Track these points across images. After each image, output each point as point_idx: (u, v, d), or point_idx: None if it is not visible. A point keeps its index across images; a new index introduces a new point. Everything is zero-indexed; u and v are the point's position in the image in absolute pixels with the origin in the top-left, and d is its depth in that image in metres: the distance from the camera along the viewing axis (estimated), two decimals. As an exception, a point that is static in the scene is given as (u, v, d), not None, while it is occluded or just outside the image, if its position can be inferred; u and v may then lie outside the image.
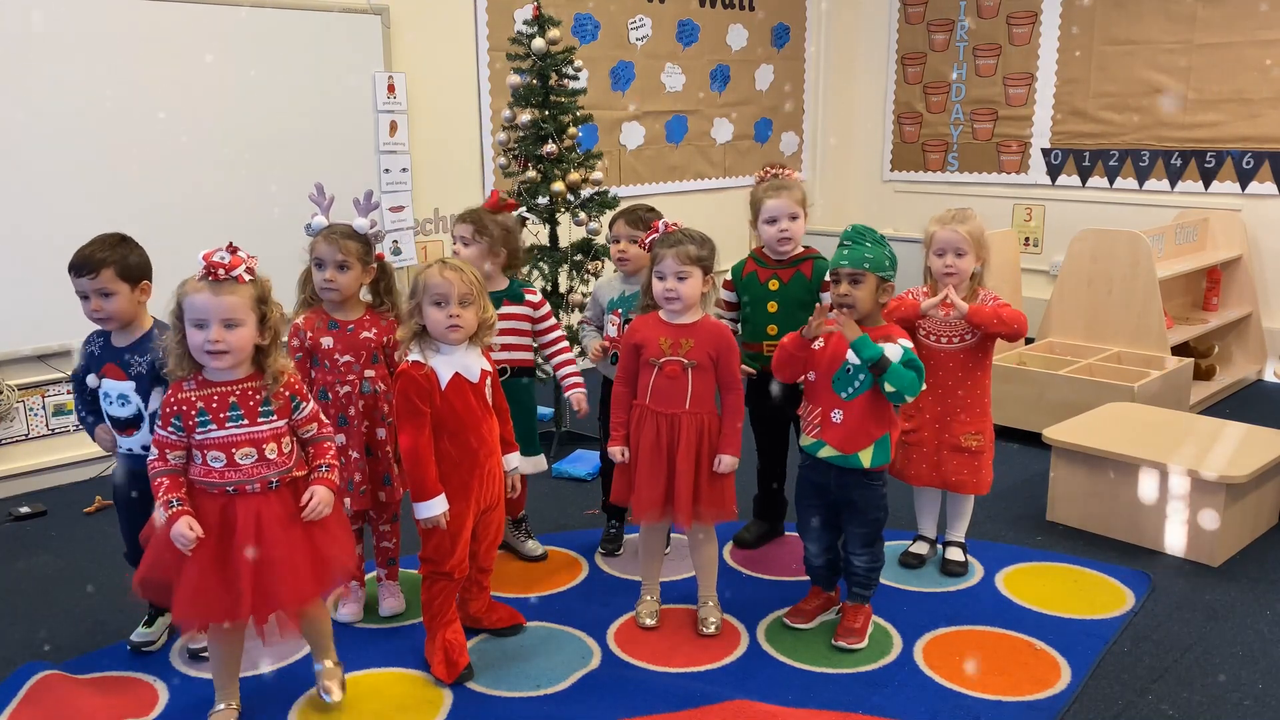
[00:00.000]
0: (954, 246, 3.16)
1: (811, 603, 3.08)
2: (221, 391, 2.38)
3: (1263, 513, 3.67)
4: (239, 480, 2.37)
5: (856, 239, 2.78)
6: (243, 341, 2.34)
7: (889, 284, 2.80)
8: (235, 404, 2.38)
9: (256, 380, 2.41)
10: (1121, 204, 6.13)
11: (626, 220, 3.37)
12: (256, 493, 2.39)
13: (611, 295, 3.41)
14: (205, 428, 2.36)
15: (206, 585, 2.35)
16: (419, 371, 2.64)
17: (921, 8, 6.90)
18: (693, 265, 2.83)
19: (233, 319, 2.32)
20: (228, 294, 2.31)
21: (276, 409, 2.42)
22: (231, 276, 2.32)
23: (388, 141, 4.97)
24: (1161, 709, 2.66)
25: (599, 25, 5.89)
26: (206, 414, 2.36)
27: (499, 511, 2.87)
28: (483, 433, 2.73)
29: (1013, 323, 3.10)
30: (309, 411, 2.50)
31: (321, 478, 2.49)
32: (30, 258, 4.03)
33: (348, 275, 2.93)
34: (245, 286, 2.34)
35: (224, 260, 2.32)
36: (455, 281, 2.61)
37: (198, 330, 2.32)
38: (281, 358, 2.45)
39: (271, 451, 2.41)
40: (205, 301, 2.30)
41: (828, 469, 2.86)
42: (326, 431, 2.55)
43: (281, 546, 2.39)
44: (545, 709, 2.67)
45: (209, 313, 2.30)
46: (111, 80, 4.16)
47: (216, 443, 2.36)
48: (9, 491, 4.18)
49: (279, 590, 2.39)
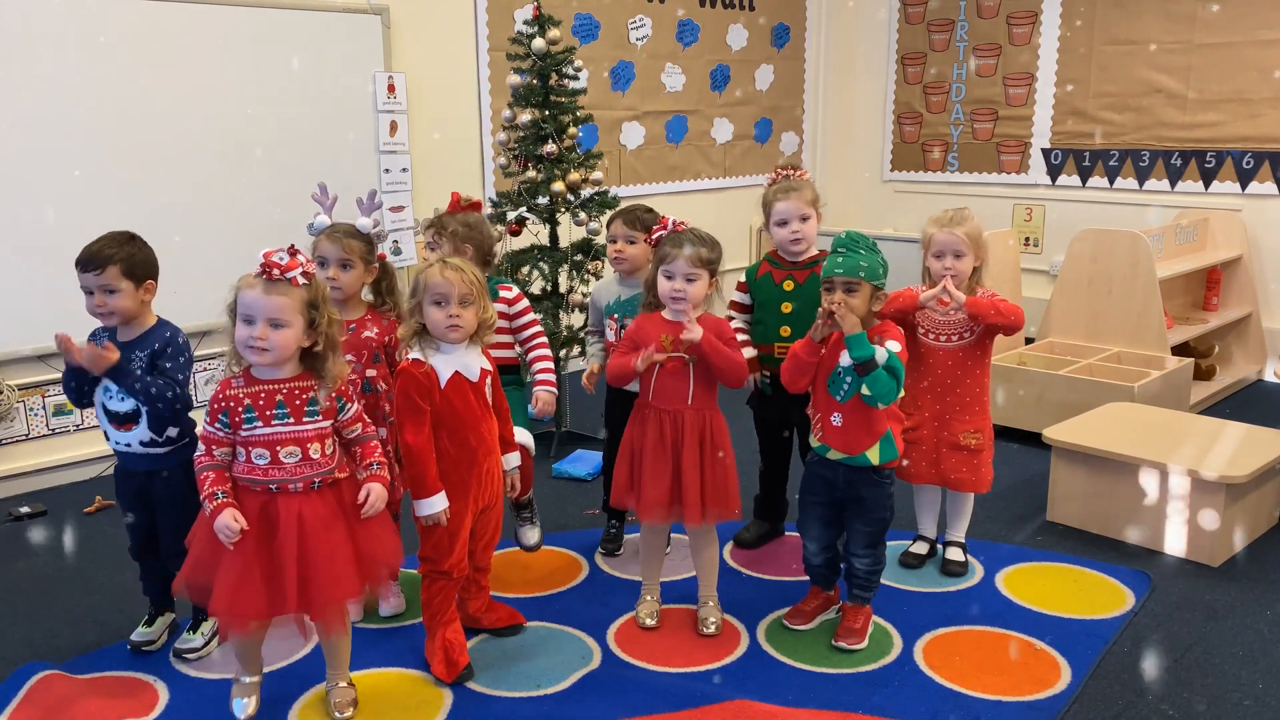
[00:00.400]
0: (953, 248, 3.16)
1: (811, 603, 3.09)
2: (269, 390, 2.41)
3: (1263, 513, 3.67)
4: (282, 479, 2.40)
5: (851, 246, 2.78)
6: (286, 342, 2.37)
7: (882, 292, 2.80)
8: (282, 402, 2.41)
9: (304, 380, 2.44)
10: (1121, 204, 6.13)
11: (624, 220, 3.38)
12: (299, 492, 2.42)
13: (609, 300, 3.41)
14: (251, 425, 2.39)
15: (248, 583, 2.37)
16: (419, 369, 2.64)
17: (921, 8, 6.90)
18: (702, 268, 2.85)
19: (279, 319, 2.36)
20: (278, 294, 2.35)
21: (323, 410, 2.45)
22: (285, 278, 2.36)
23: (388, 141, 4.98)
24: (1161, 709, 2.66)
25: (599, 25, 5.89)
26: (253, 410, 2.39)
27: (497, 511, 2.87)
28: (482, 431, 2.74)
29: (1010, 314, 3.10)
30: (354, 412, 2.53)
31: (374, 475, 2.53)
32: (30, 258, 4.03)
33: (350, 274, 2.94)
34: (298, 289, 2.38)
35: (281, 261, 2.36)
36: (456, 281, 2.62)
37: (245, 325, 2.36)
38: (340, 364, 2.48)
39: (315, 451, 2.43)
40: (255, 298, 2.35)
41: (836, 466, 2.87)
42: (371, 431, 2.58)
43: (324, 545, 2.42)
44: (545, 709, 2.67)
45: (257, 310, 2.35)
46: (111, 80, 4.16)
47: (261, 440, 2.39)
48: (9, 491, 4.19)
49: (322, 588, 2.41)
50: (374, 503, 2.49)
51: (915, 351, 3.21)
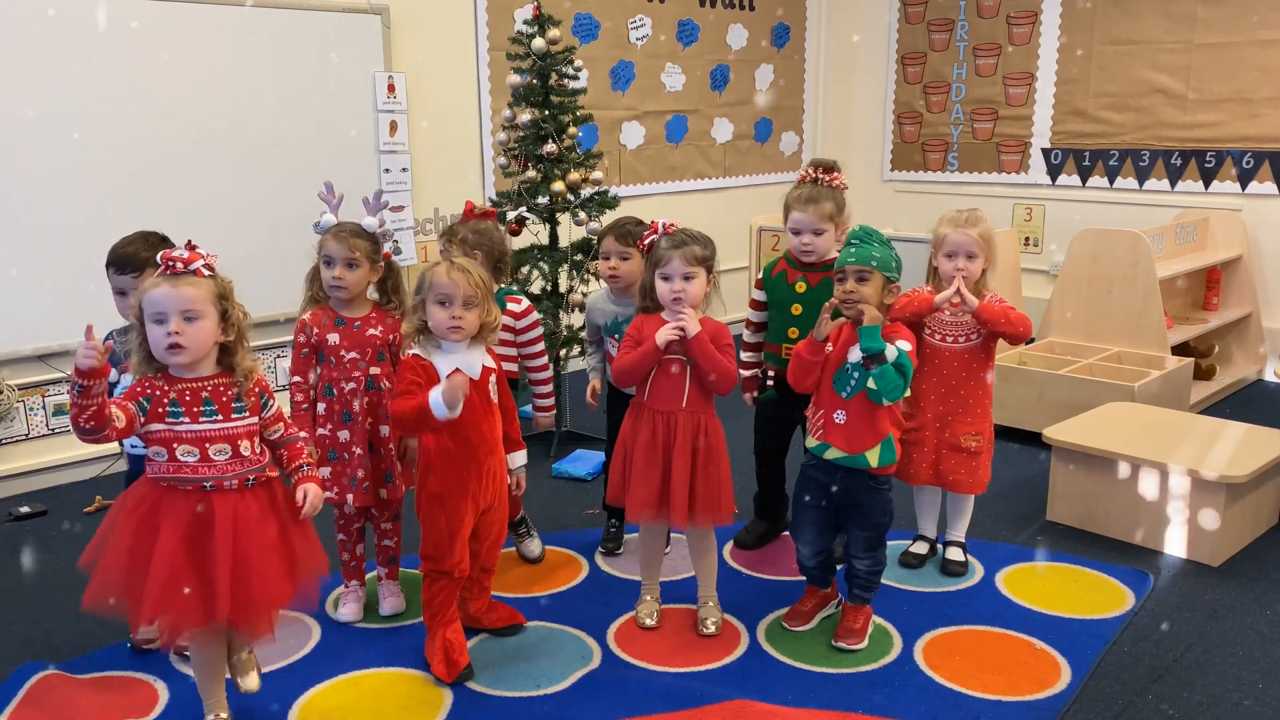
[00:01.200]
0: (965, 249, 3.16)
1: (808, 603, 3.08)
2: (193, 387, 2.31)
3: (1263, 512, 3.67)
4: (216, 476, 2.31)
5: (864, 239, 2.78)
6: (203, 335, 2.28)
7: (894, 285, 2.79)
8: (209, 398, 2.32)
9: (226, 377, 2.36)
10: (1121, 204, 6.13)
11: (615, 237, 3.33)
12: (234, 489, 2.33)
13: (605, 320, 3.38)
14: (177, 419, 2.29)
15: (178, 586, 2.26)
16: (417, 364, 2.66)
17: (921, 7, 6.91)
18: (698, 266, 2.84)
19: (192, 311, 2.25)
20: (186, 286, 2.26)
21: (249, 405, 2.37)
22: (189, 270, 2.28)
23: (388, 141, 4.98)
24: (1161, 709, 2.66)
25: (599, 25, 5.89)
26: (179, 405, 2.29)
27: (501, 511, 2.86)
28: (484, 430, 2.73)
29: (1019, 324, 3.11)
30: (276, 410, 2.44)
31: (306, 476, 2.45)
32: (31, 258, 4.03)
33: (356, 273, 2.94)
34: (205, 281, 2.29)
35: (183, 255, 2.29)
36: (461, 283, 2.61)
37: (157, 325, 2.25)
38: (249, 357, 2.40)
39: (245, 448, 2.35)
40: (164, 295, 2.25)
41: (833, 470, 2.85)
42: (294, 431, 2.50)
43: (258, 548, 2.33)
44: (545, 709, 2.67)
45: (167, 305, 2.24)
46: (111, 80, 4.16)
47: (189, 436, 2.29)
48: (9, 491, 4.19)
49: (258, 590, 2.32)
50: (314, 502, 2.40)
51: (921, 352, 3.21)
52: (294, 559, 2.41)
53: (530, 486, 4.06)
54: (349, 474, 2.99)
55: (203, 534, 2.30)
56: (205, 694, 2.54)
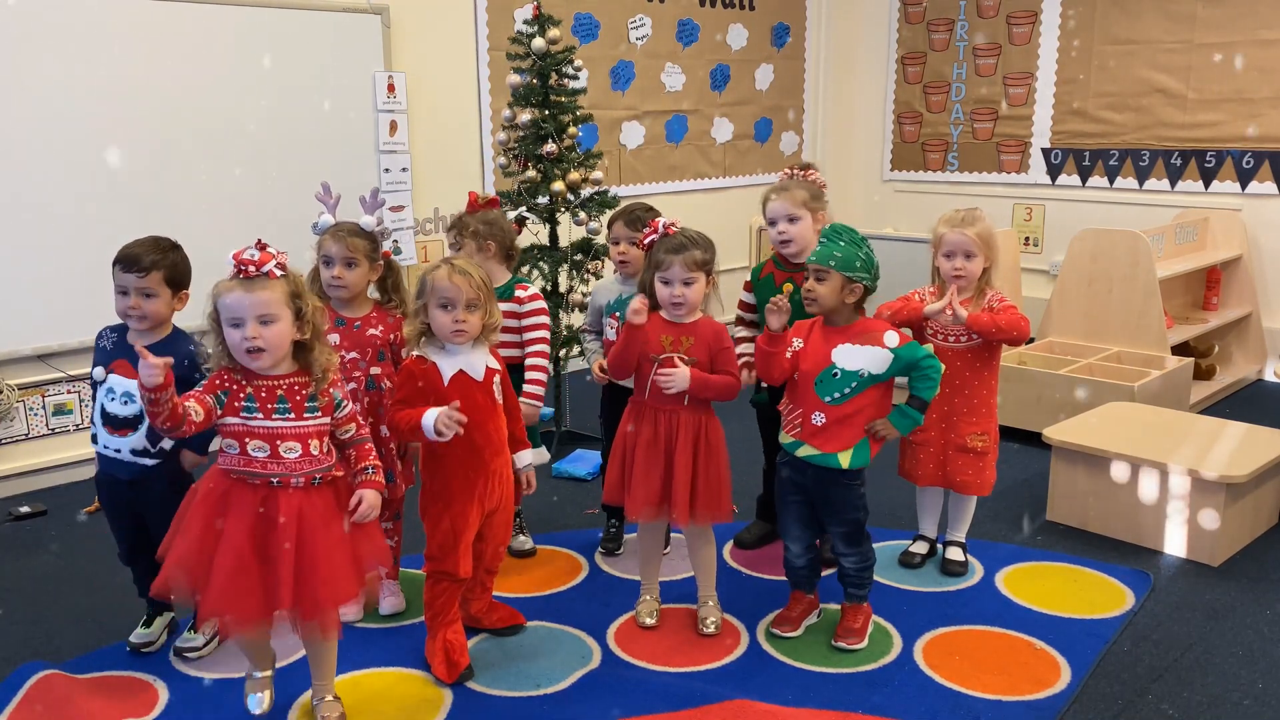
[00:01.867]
0: (963, 249, 3.16)
1: (795, 609, 3.07)
2: (270, 385, 2.36)
3: (1263, 512, 3.67)
4: (283, 473, 2.35)
5: (831, 237, 2.80)
6: (280, 338, 2.33)
7: (856, 285, 2.78)
8: (283, 397, 2.36)
9: (302, 376, 2.40)
10: (1121, 204, 6.13)
11: (625, 222, 3.36)
12: (300, 487, 2.37)
13: (609, 298, 3.40)
14: (251, 414, 2.34)
15: (243, 582, 2.31)
16: (419, 366, 2.67)
17: (921, 7, 6.90)
18: (698, 270, 2.84)
19: (268, 315, 2.30)
20: (260, 290, 2.29)
21: (322, 406, 2.41)
22: (262, 273, 2.31)
23: (388, 141, 4.97)
24: (1161, 708, 2.66)
25: (599, 25, 5.89)
26: (254, 401, 2.34)
27: (506, 513, 2.86)
28: (488, 430, 2.73)
29: (1011, 330, 3.11)
30: (349, 411, 2.48)
31: (369, 480, 2.48)
32: (31, 258, 4.03)
33: (355, 272, 2.94)
34: (278, 282, 2.32)
35: (254, 257, 2.31)
36: (463, 286, 2.62)
37: (234, 329, 2.31)
38: (326, 352, 2.44)
39: (315, 448, 2.39)
40: (239, 299, 2.29)
41: (805, 467, 2.85)
42: (365, 433, 2.53)
43: (323, 545, 2.37)
44: (545, 709, 2.67)
45: (244, 310, 2.29)
46: (111, 80, 4.16)
47: (262, 432, 2.34)
48: (9, 491, 4.18)
49: (321, 586, 2.36)
50: (365, 511, 2.43)
51: None
52: (358, 556, 2.45)
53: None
54: None
55: (268, 529, 2.34)
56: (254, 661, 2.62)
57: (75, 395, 4.28)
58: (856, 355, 2.78)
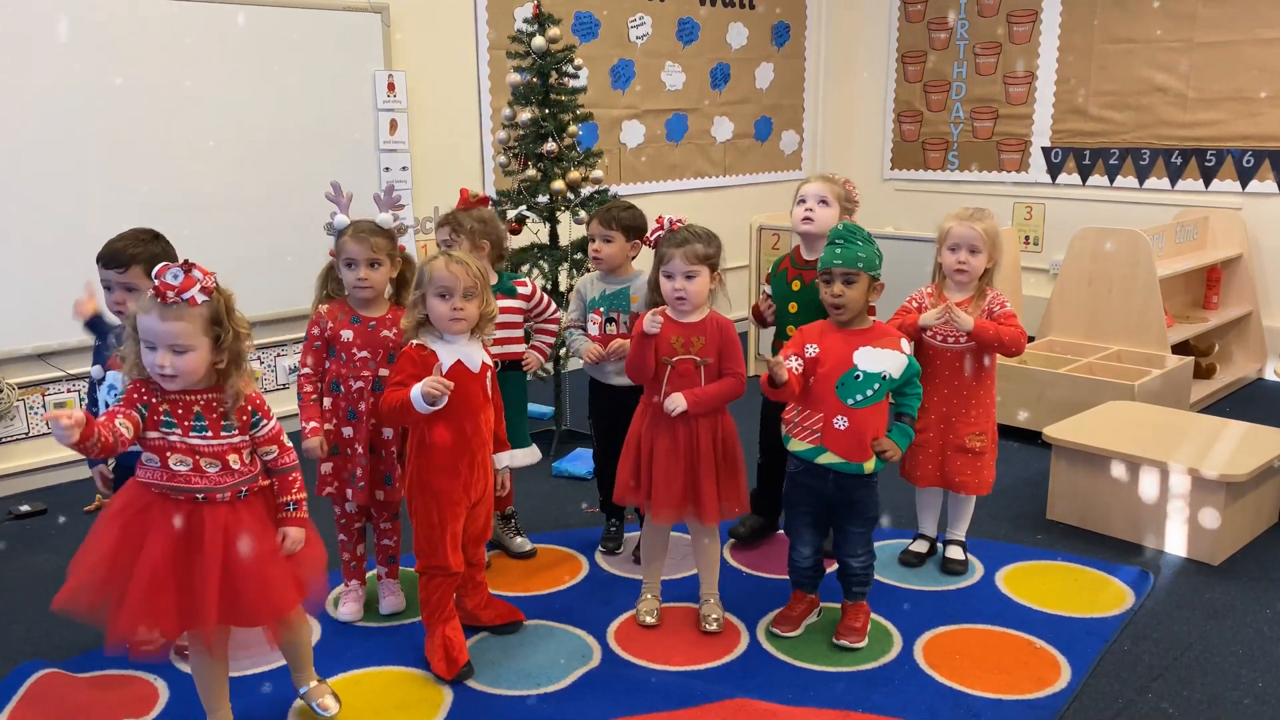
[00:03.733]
0: (969, 243, 3.16)
1: (796, 608, 3.07)
2: (186, 401, 2.27)
3: (1263, 511, 3.67)
4: (208, 487, 2.27)
5: (848, 237, 2.78)
6: (192, 366, 2.22)
7: (879, 284, 2.80)
8: (200, 414, 2.27)
9: (219, 391, 2.31)
10: (1122, 202, 6.13)
11: (599, 220, 3.37)
12: (226, 502, 2.29)
13: (592, 294, 3.41)
14: (171, 430, 2.26)
15: (159, 597, 2.21)
16: (419, 354, 2.67)
17: (922, 6, 6.90)
18: (701, 264, 2.84)
19: (181, 345, 2.20)
20: (174, 319, 2.18)
21: (238, 424, 2.32)
22: (182, 300, 2.19)
23: (388, 140, 4.97)
24: (1161, 707, 2.66)
25: (599, 24, 5.89)
26: (172, 418, 2.26)
27: (486, 505, 2.86)
28: (478, 421, 2.74)
29: (1012, 345, 3.14)
30: (270, 430, 2.37)
31: (291, 517, 2.39)
32: (31, 256, 4.03)
33: (379, 272, 2.94)
34: (197, 309, 2.20)
35: (175, 281, 2.19)
36: (460, 275, 2.63)
37: (149, 351, 2.21)
38: (242, 379, 2.32)
39: (235, 462, 2.31)
40: (153, 326, 2.19)
41: (825, 473, 2.84)
42: (289, 459, 2.41)
43: (253, 558, 2.29)
44: (545, 707, 2.67)
45: (157, 337, 2.19)
46: (111, 79, 4.15)
47: (182, 447, 2.26)
48: (9, 490, 4.19)
49: (253, 603, 2.30)
50: (289, 547, 2.37)
51: (923, 354, 3.21)
52: (295, 564, 2.39)
53: (530, 486, 4.08)
54: (349, 469, 2.99)
55: (191, 545, 2.25)
56: (209, 706, 2.50)
57: (75, 394, 4.28)
58: (878, 358, 2.77)
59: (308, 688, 2.62)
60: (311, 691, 2.62)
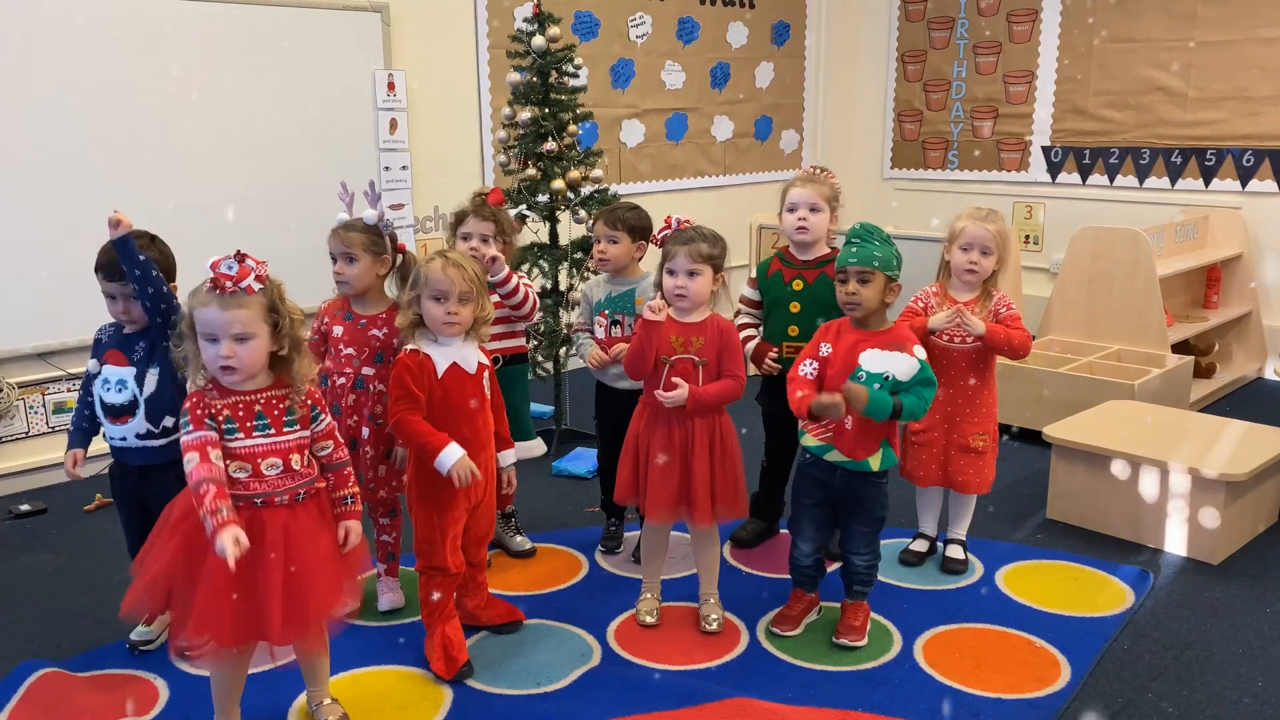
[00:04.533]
0: (982, 243, 3.16)
1: (796, 607, 3.06)
2: (246, 401, 2.29)
3: (1263, 511, 3.67)
4: (267, 492, 2.28)
5: (865, 237, 2.77)
6: (255, 355, 2.25)
7: (896, 284, 2.79)
8: (261, 412, 2.29)
9: (279, 388, 2.33)
10: (1122, 202, 6.13)
11: (604, 221, 3.36)
12: (284, 505, 2.30)
13: (599, 296, 3.41)
14: (232, 435, 2.26)
15: (224, 604, 2.21)
16: (414, 359, 2.66)
17: (922, 5, 6.90)
18: (704, 263, 2.84)
19: (243, 333, 2.22)
20: (236, 308, 2.21)
21: (299, 418, 2.34)
22: (240, 288, 2.23)
23: (388, 139, 4.97)
24: (1161, 706, 2.66)
25: (599, 23, 5.89)
26: (234, 422, 2.26)
27: (488, 506, 2.86)
28: (476, 424, 2.74)
29: (1021, 349, 3.16)
30: (327, 425, 2.41)
31: (348, 510, 2.42)
32: (31, 256, 4.03)
33: (356, 267, 2.94)
34: (255, 297, 2.24)
35: (231, 271, 2.22)
36: (456, 279, 2.62)
37: (210, 344, 2.23)
38: (306, 363, 2.36)
39: (296, 462, 2.32)
40: (214, 317, 2.21)
41: (832, 469, 2.85)
42: (343, 455, 2.45)
43: (312, 558, 2.31)
44: (545, 706, 2.67)
45: (218, 328, 2.21)
46: (111, 78, 4.15)
47: (242, 453, 2.27)
48: (9, 489, 4.18)
49: (310, 604, 2.31)
50: (353, 541, 2.39)
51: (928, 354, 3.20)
52: (346, 568, 2.41)
53: (530, 485, 4.08)
54: None
55: (253, 551, 2.22)
56: (221, 708, 2.49)
57: (75, 393, 4.27)
58: (883, 360, 2.76)
59: (320, 705, 2.59)
60: (324, 709, 2.58)
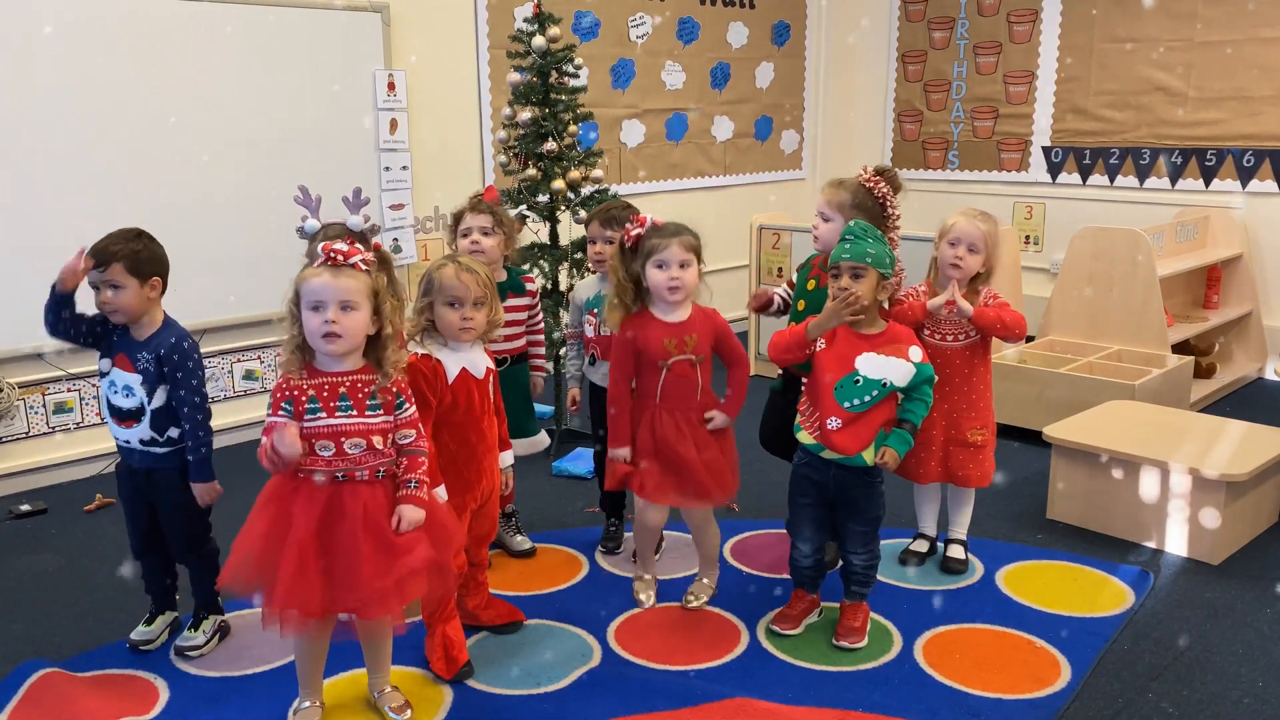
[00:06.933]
0: (969, 240, 3.16)
1: (796, 606, 3.07)
2: (332, 382, 2.37)
3: (1263, 511, 3.67)
4: (348, 467, 2.36)
5: (860, 235, 2.78)
6: (357, 326, 2.34)
7: (888, 282, 2.80)
8: (345, 394, 2.37)
9: (367, 374, 2.40)
10: (1122, 202, 6.13)
11: (601, 221, 3.37)
12: (365, 480, 2.38)
13: (589, 295, 3.41)
14: (315, 414, 2.34)
15: (307, 575, 2.30)
16: (427, 365, 2.66)
17: (922, 6, 6.90)
18: (693, 254, 2.87)
19: (349, 301, 2.31)
20: (346, 278, 2.32)
21: (383, 404, 2.40)
22: (349, 264, 2.33)
23: (388, 139, 4.97)
24: (1161, 707, 2.66)
25: (599, 23, 5.89)
26: (317, 401, 2.34)
27: (492, 507, 2.88)
28: (483, 428, 2.75)
29: (1014, 326, 3.13)
30: (409, 415, 2.45)
31: (410, 494, 2.43)
32: (31, 256, 4.02)
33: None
34: (362, 275, 2.35)
35: (343, 248, 2.34)
36: (471, 285, 2.63)
37: (314, 313, 2.32)
38: (400, 353, 2.44)
39: (379, 443, 2.39)
40: (323, 284, 2.31)
41: (827, 466, 2.85)
42: (421, 444, 2.49)
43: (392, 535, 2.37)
44: (545, 706, 2.67)
45: (326, 295, 2.31)
46: (111, 78, 4.15)
47: (325, 431, 2.34)
48: (9, 489, 4.18)
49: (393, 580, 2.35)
50: (404, 528, 2.41)
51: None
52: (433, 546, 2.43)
53: (530, 485, 4.08)
54: None
55: (334, 525, 2.34)
56: (304, 681, 2.58)
57: (76, 393, 4.28)
58: (881, 365, 2.76)
59: (382, 692, 2.63)
60: (386, 696, 2.63)
